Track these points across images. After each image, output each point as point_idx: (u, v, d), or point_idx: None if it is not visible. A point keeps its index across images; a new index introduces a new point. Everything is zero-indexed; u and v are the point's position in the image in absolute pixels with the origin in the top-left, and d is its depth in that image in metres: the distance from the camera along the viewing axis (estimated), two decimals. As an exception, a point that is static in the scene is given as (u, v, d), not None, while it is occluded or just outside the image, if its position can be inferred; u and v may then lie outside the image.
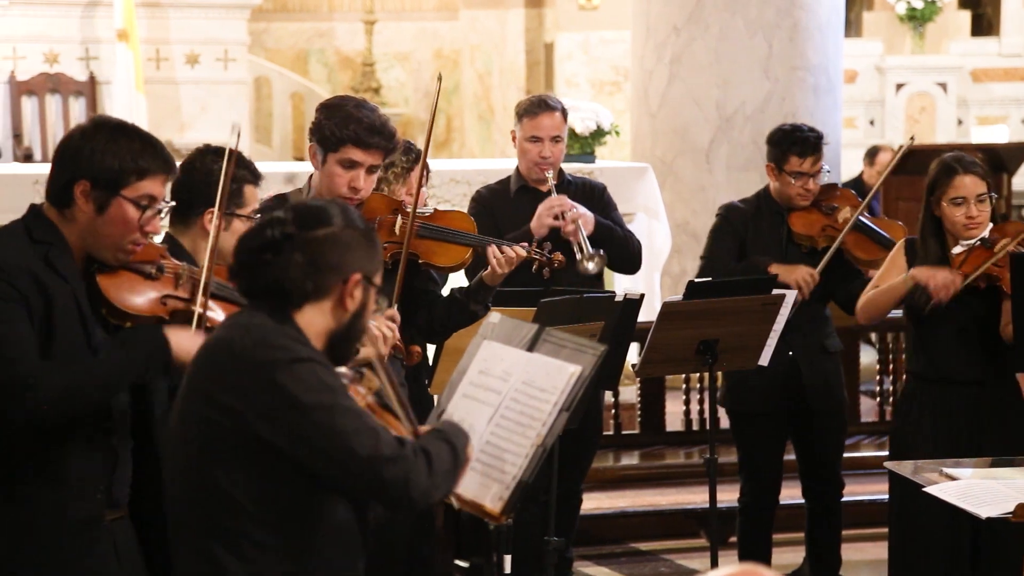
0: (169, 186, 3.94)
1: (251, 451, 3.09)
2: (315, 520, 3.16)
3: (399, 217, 4.90)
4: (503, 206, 6.08)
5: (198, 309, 3.78)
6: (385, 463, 3.07)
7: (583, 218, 5.95)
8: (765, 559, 6.32)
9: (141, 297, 3.75)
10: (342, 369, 3.26)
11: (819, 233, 6.25)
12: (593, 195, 6.27)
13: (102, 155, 3.64)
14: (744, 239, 6.29)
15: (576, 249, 5.88)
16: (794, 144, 6.20)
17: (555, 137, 6.13)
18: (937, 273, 5.45)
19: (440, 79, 5.22)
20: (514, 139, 6.24)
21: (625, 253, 6.17)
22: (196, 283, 3.82)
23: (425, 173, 5.81)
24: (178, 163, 3.99)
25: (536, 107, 6.17)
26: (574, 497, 6.32)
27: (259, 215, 4.36)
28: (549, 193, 6.11)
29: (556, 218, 5.96)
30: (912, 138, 6.78)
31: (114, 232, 3.66)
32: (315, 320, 3.18)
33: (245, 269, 3.20)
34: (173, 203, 3.82)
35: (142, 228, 3.68)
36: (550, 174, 6.12)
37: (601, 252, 5.80)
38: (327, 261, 3.16)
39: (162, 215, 3.73)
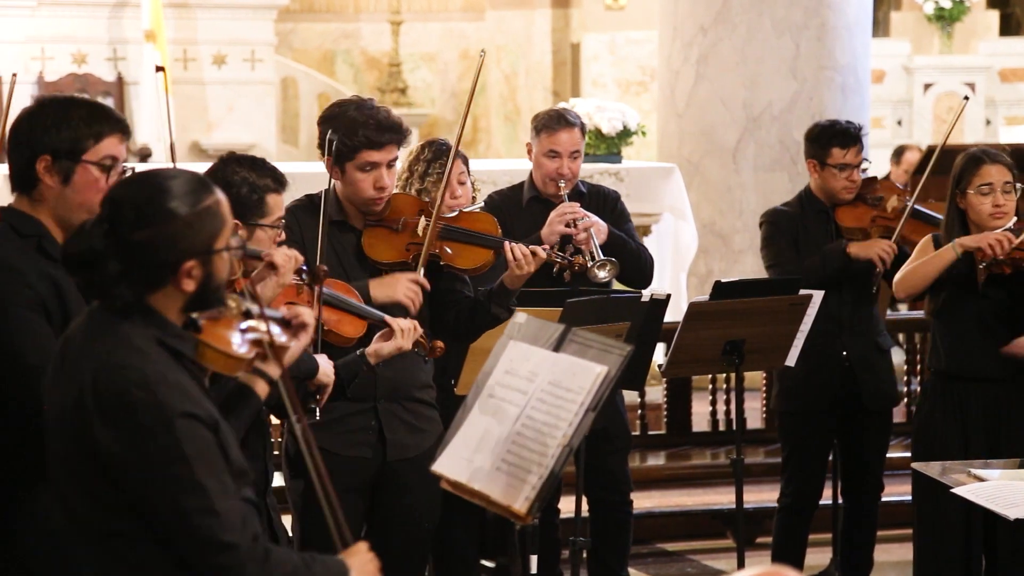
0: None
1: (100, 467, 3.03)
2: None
3: (423, 218, 4.89)
4: (515, 214, 5.97)
5: None
6: (216, 548, 2.98)
7: (595, 226, 5.83)
8: (799, 560, 6.30)
9: None
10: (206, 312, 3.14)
11: (870, 225, 6.24)
12: (606, 204, 6.14)
13: (56, 128, 3.64)
14: (795, 241, 6.27)
15: (587, 256, 5.78)
16: (835, 136, 6.20)
17: (574, 153, 6.01)
18: (987, 234, 5.43)
19: (483, 52, 5.18)
20: (529, 151, 6.11)
21: (637, 265, 6.02)
22: None
23: (466, 168, 5.81)
24: (206, 164, 3.99)
25: (555, 122, 6.02)
26: (623, 509, 6.25)
27: (285, 221, 4.39)
28: (561, 202, 5.97)
29: (568, 225, 5.82)
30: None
31: (85, 199, 3.64)
32: (164, 303, 3.08)
33: (76, 278, 3.12)
34: (134, 166, 3.80)
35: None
36: (563, 182, 6.04)
37: (613, 259, 5.73)
38: (150, 263, 3.03)
39: (125, 174, 3.67)
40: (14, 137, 3.71)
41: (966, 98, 6.60)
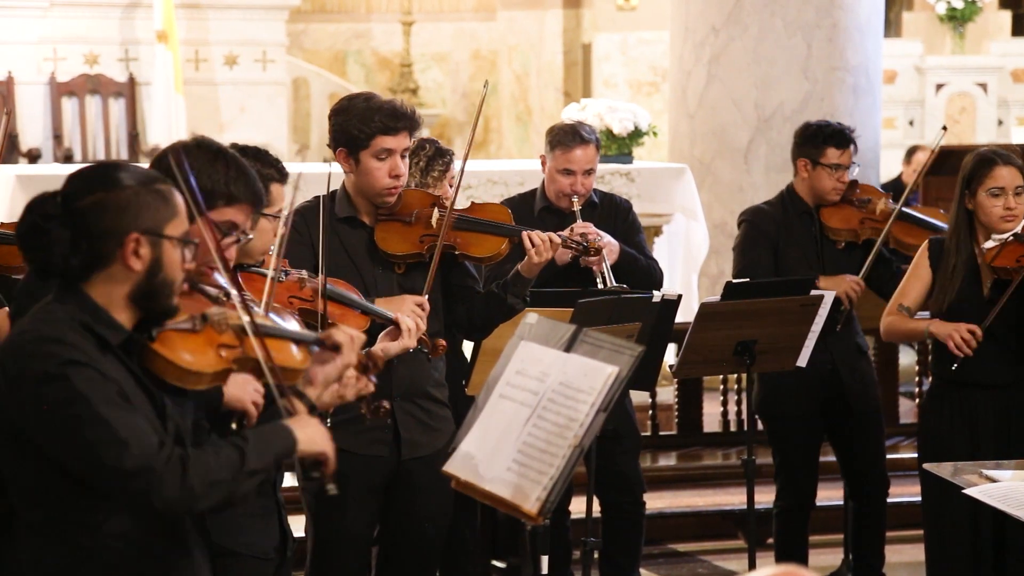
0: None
1: (19, 440, 3.10)
2: (92, 519, 3.13)
3: (436, 210, 4.91)
4: (526, 222, 5.98)
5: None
6: (127, 476, 3.03)
7: (608, 247, 5.82)
8: (803, 561, 6.30)
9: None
10: (182, 318, 3.18)
11: (859, 226, 6.25)
12: (618, 215, 6.14)
13: (198, 174, 3.60)
14: (776, 243, 6.26)
15: (599, 280, 5.81)
16: (831, 137, 6.23)
17: (588, 170, 6.00)
18: (954, 331, 5.42)
19: (487, 84, 5.23)
20: (543, 164, 6.10)
21: (647, 282, 6.01)
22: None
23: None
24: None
25: (570, 139, 5.99)
26: (635, 511, 6.25)
27: (294, 216, 4.39)
28: (573, 215, 5.96)
29: None
30: (944, 128, 6.86)
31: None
32: (108, 289, 3.13)
33: (24, 254, 3.18)
34: (251, 236, 3.82)
35: (219, 250, 3.66)
36: (576, 197, 6.03)
37: (624, 287, 5.74)
38: (95, 230, 3.09)
39: (240, 243, 3.69)
40: (159, 163, 3.67)
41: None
